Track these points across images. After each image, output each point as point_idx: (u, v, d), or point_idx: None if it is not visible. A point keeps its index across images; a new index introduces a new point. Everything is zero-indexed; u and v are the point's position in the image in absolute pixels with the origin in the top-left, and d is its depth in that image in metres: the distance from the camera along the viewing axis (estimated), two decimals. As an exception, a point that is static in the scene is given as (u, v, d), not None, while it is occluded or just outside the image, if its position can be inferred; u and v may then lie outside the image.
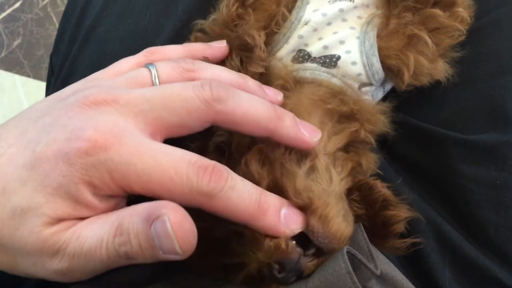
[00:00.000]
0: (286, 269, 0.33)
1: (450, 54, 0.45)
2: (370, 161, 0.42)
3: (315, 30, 0.43)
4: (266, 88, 0.39)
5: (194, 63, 0.37)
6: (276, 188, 0.35)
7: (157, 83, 0.35)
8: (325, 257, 0.35)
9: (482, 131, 0.45)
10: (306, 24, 0.43)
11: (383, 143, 0.47)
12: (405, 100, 0.46)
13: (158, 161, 0.30)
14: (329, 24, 0.43)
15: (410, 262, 0.46)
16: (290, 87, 0.41)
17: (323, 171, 0.36)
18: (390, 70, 0.43)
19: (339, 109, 0.40)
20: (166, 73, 0.36)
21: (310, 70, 0.43)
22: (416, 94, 0.46)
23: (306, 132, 0.36)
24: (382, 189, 0.40)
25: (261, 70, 0.42)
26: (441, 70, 0.44)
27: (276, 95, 0.39)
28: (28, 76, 1.37)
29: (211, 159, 0.31)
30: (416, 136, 0.48)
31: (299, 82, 0.42)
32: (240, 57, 0.42)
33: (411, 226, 0.44)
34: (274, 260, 0.33)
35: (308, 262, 0.34)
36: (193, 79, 0.35)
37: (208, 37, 0.44)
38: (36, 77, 1.36)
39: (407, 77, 0.42)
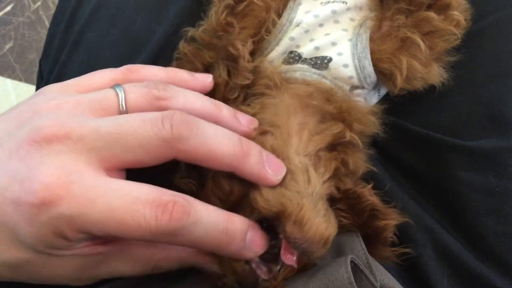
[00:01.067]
0: (244, 286, 0.34)
1: (445, 58, 0.44)
2: (358, 160, 0.42)
3: (306, 31, 0.43)
4: (241, 116, 0.38)
5: (166, 89, 0.35)
6: (246, 199, 0.35)
7: (124, 109, 0.34)
8: (287, 273, 0.35)
9: (481, 137, 0.45)
10: (297, 25, 0.43)
11: (379, 149, 0.46)
12: (401, 104, 0.46)
13: (110, 206, 0.29)
14: (321, 25, 0.43)
15: (408, 271, 0.45)
16: (274, 85, 0.41)
17: (300, 173, 0.36)
18: (382, 74, 0.43)
19: (324, 108, 0.39)
20: (134, 99, 0.34)
21: (300, 71, 0.42)
22: (413, 98, 0.45)
23: (270, 169, 0.35)
24: (370, 197, 0.39)
25: (246, 82, 0.41)
26: (435, 74, 0.44)
27: (250, 123, 0.38)
28: (20, 80, 1.36)
29: (182, 173, 0.31)
30: (413, 142, 0.47)
31: (287, 82, 0.41)
32: (227, 68, 0.41)
33: (408, 234, 0.44)
34: (235, 279, 0.34)
35: (266, 285, 0.35)
36: (163, 108, 0.34)
37: (197, 45, 0.43)
38: (28, 81, 1.35)
39: (400, 81, 0.42)
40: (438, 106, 0.47)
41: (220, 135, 0.33)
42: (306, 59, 0.42)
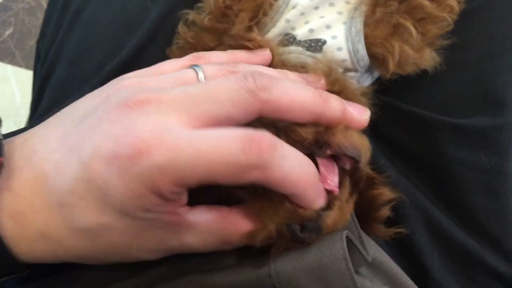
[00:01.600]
0: (308, 229, 0.33)
1: (438, 42, 0.44)
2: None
3: (302, 14, 0.43)
4: (307, 76, 0.39)
5: (237, 66, 0.37)
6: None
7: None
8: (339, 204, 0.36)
9: (473, 115, 0.45)
10: (293, 8, 0.43)
11: (372, 128, 0.46)
12: (394, 84, 0.46)
13: (198, 148, 0.29)
14: (316, 8, 0.43)
15: (399, 248, 0.46)
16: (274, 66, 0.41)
17: None
18: (375, 58, 0.43)
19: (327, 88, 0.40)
20: (211, 74, 0.35)
21: (295, 53, 0.42)
22: (406, 78, 0.45)
23: (354, 111, 0.35)
24: (365, 168, 0.39)
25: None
26: (428, 59, 0.44)
27: (318, 81, 0.39)
28: (20, 66, 1.36)
29: None
30: (406, 121, 0.47)
31: (284, 65, 0.42)
32: None
33: (399, 211, 0.44)
34: (296, 222, 0.33)
35: (325, 216, 0.34)
36: None
37: (197, 29, 0.43)
38: (28, 67, 1.35)
39: (392, 66, 0.42)
40: (431, 85, 0.47)
41: (299, 86, 0.34)
42: (300, 41, 0.42)
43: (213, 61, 0.39)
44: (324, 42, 0.42)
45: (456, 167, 0.45)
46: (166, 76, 0.35)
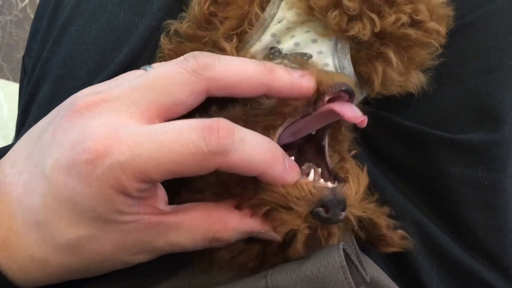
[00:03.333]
0: (331, 206, 0.33)
1: (427, 63, 0.44)
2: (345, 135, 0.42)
3: (288, 28, 0.42)
4: (295, 71, 0.38)
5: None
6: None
7: None
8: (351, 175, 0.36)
9: (470, 131, 0.45)
10: (279, 22, 0.42)
11: (368, 143, 0.46)
12: (391, 99, 0.45)
13: (159, 141, 0.29)
14: (303, 22, 0.42)
15: (397, 265, 0.45)
16: None
17: None
18: (361, 76, 0.43)
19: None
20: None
21: None
22: (402, 93, 0.45)
23: (302, 78, 0.35)
24: (385, 230, 0.40)
25: None
26: (414, 82, 0.43)
27: (307, 75, 0.37)
28: (8, 79, 1.35)
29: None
30: (402, 136, 0.47)
31: None
32: None
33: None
34: (315, 206, 0.33)
35: (342, 189, 0.34)
36: None
37: (179, 39, 0.43)
38: (16, 79, 1.34)
39: (377, 85, 0.42)
40: (427, 100, 0.46)
41: (241, 60, 0.34)
42: (286, 54, 0.42)
43: None
44: (310, 57, 0.41)
45: (453, 183, 0.44)
46: (116, 78, 0.35)
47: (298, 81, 0.34)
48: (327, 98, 0.34)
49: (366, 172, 0.37)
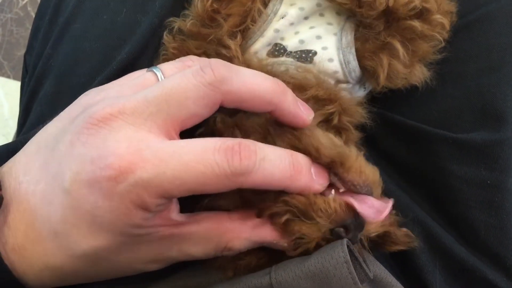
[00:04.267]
0: (352, 229, 0.34)
1: (430, 57, 0.44)
2: (352, 136, 0.42)
3: (291, 24, 0.42)
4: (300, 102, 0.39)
5: (200, 60, 0.37)
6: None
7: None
8: None
9: (472, 130, 0.44)
10: (282, 17, 0.42)
11: (371, 142, 0.46)
12: (393, 98, 0.45)
13: (183, 161, 0.29)
14: (306, 18, 0.43)
15: (400, 264, 0.45)
16: None
17: (323, 134, 0.37)
18: (366, 70, 0.43)
19: (317, 94, 0.39)
20: (171, 73, 0.35)
21: (285, 65, 0.42)
22: (404, 91, 0.45)
23: (303, 109, 0.36)
24: (390, 227, 0.40)
25: None
26: (418, 75, 0.44)
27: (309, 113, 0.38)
28: (8, 77, 1.35)
29: None
30: (405, 135, 0.47)
31: (273, 75, 0.41)
32: None
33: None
34: (337, 224, 0.34)
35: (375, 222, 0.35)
36: None
37: (183, 37, 0.43)
38: (16, 77, 1.33)
39: (382, 79, 0.42)
40: (429, 98, 0.46)
41: (258, 75, 0.34)
42: (291, 52, 0.42)
43: None
44: (315, 53, 0.41)
45: (456, 182, 0.44)
46: (126, 83, 0.35)
47: (300, 112, 0.35)
48: (341, 189, 0.35)
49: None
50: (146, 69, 0.38)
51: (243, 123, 0.37)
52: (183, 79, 0.32)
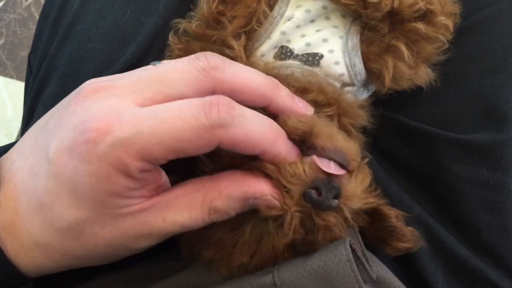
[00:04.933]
0: (323, 189, 0.33)
1: (434, 58, 0.44)
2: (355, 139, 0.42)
3: (298, 26, 0.42)
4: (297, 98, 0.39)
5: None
6: None
7: None
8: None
9: (475, 131, 0.45)
10: (289, 20, 0.42)
11: (374, 142, 0.46)
12: (396, 98, 0.45)
13: (161, 118, 0.29)
14: (312, 21, 0.43)
15: (402, 264, 0.45)
16: None
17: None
18: (371, 73, 0.43)
19: (316, 99, 0.40)
20: None
21: (292, 68, 0.42)
22: (407, 92, 0.45)
23: (300, 104, 0.36)
24: (394, 220, 0.40)
25: None
26: (423, 76, 0.44)
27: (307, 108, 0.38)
28: (12, 77, 1.35)
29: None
30: (408, 135, 0.47)
31: (278, 78, 0.41)
32: None
33: None
34: (308, 187, 0.33)
35: (340, 178, 0.34)
36: None
37: (188, 38, 0.43)
38: (20, 78, 1.34)
39: (388, 81, 0.42)
40: (432, 99, 0.47)
41: (250, 70, 0.34)
42: (297, 55, 0.42)
43: None
44: (321, 56, 0.42)
45: (458, 183, 0.44)
46: (124, 74, 0.35)
47: (297, 107, 0.36)
48: (314, 156, 0.34)
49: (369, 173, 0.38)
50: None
51: None
52: (177, 63, 0.32)
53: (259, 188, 0.33)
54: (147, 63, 0.44)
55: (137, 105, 0.30)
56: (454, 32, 0.43)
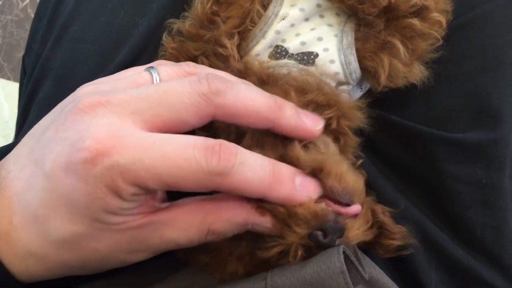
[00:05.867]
0: (329, 232, 0.33)
1: (427, 56, 0.44)
2: (350, 141, 0.42)
3: (292, 25, 0.42)
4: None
5: (196, 66, 0.37)
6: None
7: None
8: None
9: (468, 129, 0.45)
10: (283, 19, 0.42)
11: (367, 143, 0.46)
12: (389, 98, 0.45)
13: (163, 152, 0.29)
14: (306, 20, 0.43)
15: (395, 264, 0.45)
16: (262, 82, 0.40)
17: (318, 140, 0.37)
18: (367, 71, 0.43)
19: (317, 99, 0.39)
20: (167, 76, 0.35)
21: (287, 67, 0.42)
22: (400, 92, 0.45)
23: (308, 121, 0.35)
24: (381, 215, 0.40)
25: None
26: (417, 73, 0.44)
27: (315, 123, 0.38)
28: (8, 78, 1.35)
29: None
30: (400, 135, 0.47)
31: (274, 78, 0.41)
32: (217, 67, 0.41)
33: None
34: (315, 228, 0.33)
35: (345, 219, 0.35)
36: None
37: (182, 38, 0.43)
38: (16, 79, 1.34)
39: (383, 79, 0.42)
40: (425, 99, 0.46)
41: (253, 91, 0.34)
42: (292, 54, 0.42)
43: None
44: (317, 55, 0.42)
45: (452, 182, 0.44)
46: (121, 80, 0.35)
47: (303, 125, 0.35)
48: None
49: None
50: (143, 66, 0.38)
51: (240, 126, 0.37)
52: (179, 84, 0.32)
53: (262, 218, 0.34)
54: (142, 64, 0.45)
55: (136, 127, 0.30)
56: (446, 30, 0.43)
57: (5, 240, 0.32)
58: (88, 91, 0.33)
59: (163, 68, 0.35)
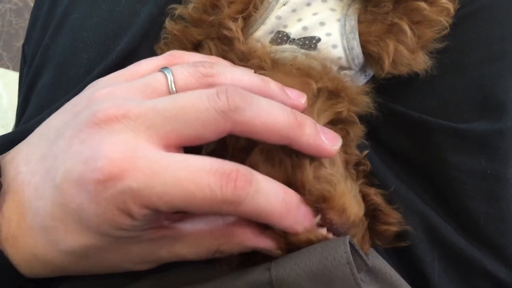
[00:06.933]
0: None
1: (432, 45, 0.43)
2: (357, 131, 0.42)
3: (294, 10, 0.42)
4: (289, 90, 0.37)
5: (213, 66, 0.36)
6: (288, 184, 0.35)
7: (174, 90, 0.34)
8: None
9: (473, 120, 0.44)
10: (284, 4, 0.42)
11: (370, 132, 0.45)
12: (393, 87, 0.45)
13: (176, 177, 0.29)
14: (308, 4, 0.42)
15: (398, 254, 0.45)
16: (266, 66, 0.40)
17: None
18: (370, 56, 0.42)
19: (326, 86, 0.39)
20: (183, 79, 0.34)
21: (289, 52, 0.41)
22: (405, 81, 0.45)
23: (326, 139, 0.35)
24: (374, 197, 0.40)
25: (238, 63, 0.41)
26: (421, 62, 0.43)
27: (299, 97, 0.37)
28: (7, 67, 1.34)
29: None
30: (404, 125, 0.46)
31: (277, 63, 0.41)
32: (221, 49, 0.41)
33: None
34: None
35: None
36: (211, 85, 0.34)
37: (185, 23, 0.43)
38: (15, 68, 1.33)
39: (387, 65, 0.41)
40: (430, 89, 0.46)
41: (274, 107, 0.33)
42: (294, 39, 0.42)
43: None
44: (319, 40, 0.41)
45: (455, 172, 0.44)
46: (136, 83, 0.34)
47: (322, 144, 0.34)
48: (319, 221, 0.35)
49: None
50: (157, 59, 0.37)
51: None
52: (197, 99, 0.31)
53: (270, 245, 0.35)
54: (143, 52, 0.45)
55: (151, 144, 0.30)
56: (452, 20, 0.42)
57: (12, 243, 0.32)
58: (104, 97, 0.33)
59: (179, 71, 0.35)
